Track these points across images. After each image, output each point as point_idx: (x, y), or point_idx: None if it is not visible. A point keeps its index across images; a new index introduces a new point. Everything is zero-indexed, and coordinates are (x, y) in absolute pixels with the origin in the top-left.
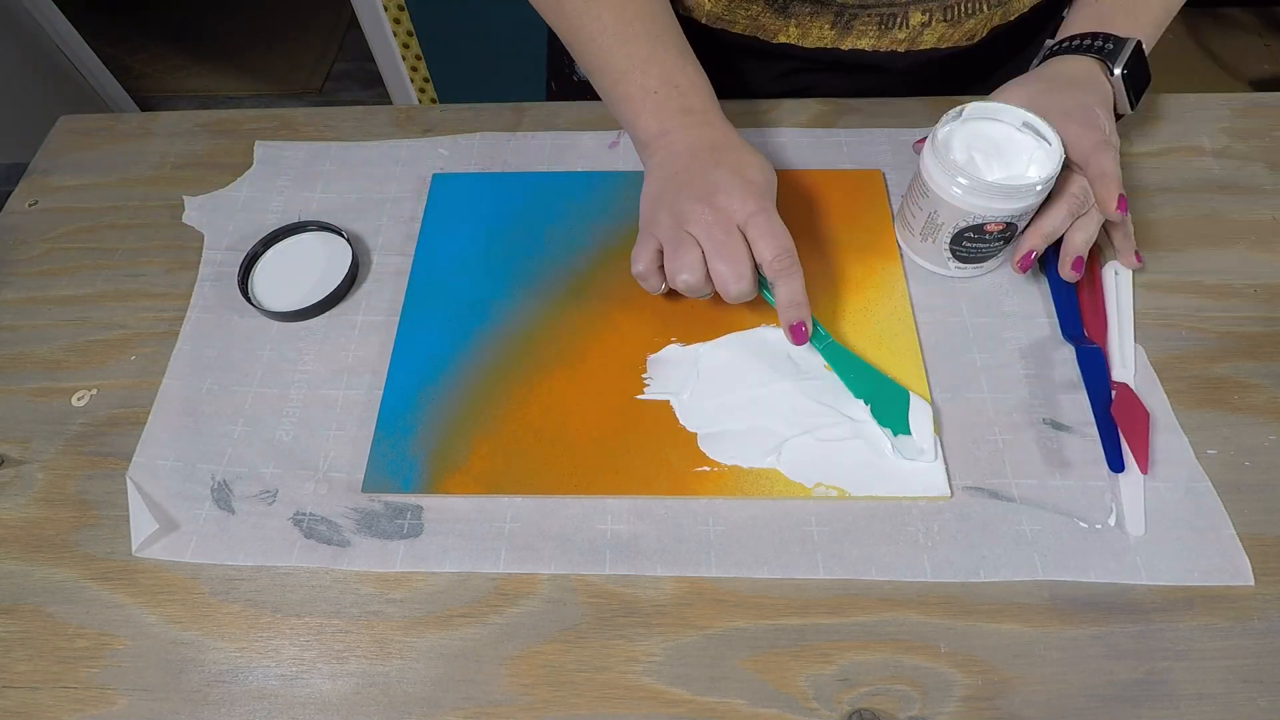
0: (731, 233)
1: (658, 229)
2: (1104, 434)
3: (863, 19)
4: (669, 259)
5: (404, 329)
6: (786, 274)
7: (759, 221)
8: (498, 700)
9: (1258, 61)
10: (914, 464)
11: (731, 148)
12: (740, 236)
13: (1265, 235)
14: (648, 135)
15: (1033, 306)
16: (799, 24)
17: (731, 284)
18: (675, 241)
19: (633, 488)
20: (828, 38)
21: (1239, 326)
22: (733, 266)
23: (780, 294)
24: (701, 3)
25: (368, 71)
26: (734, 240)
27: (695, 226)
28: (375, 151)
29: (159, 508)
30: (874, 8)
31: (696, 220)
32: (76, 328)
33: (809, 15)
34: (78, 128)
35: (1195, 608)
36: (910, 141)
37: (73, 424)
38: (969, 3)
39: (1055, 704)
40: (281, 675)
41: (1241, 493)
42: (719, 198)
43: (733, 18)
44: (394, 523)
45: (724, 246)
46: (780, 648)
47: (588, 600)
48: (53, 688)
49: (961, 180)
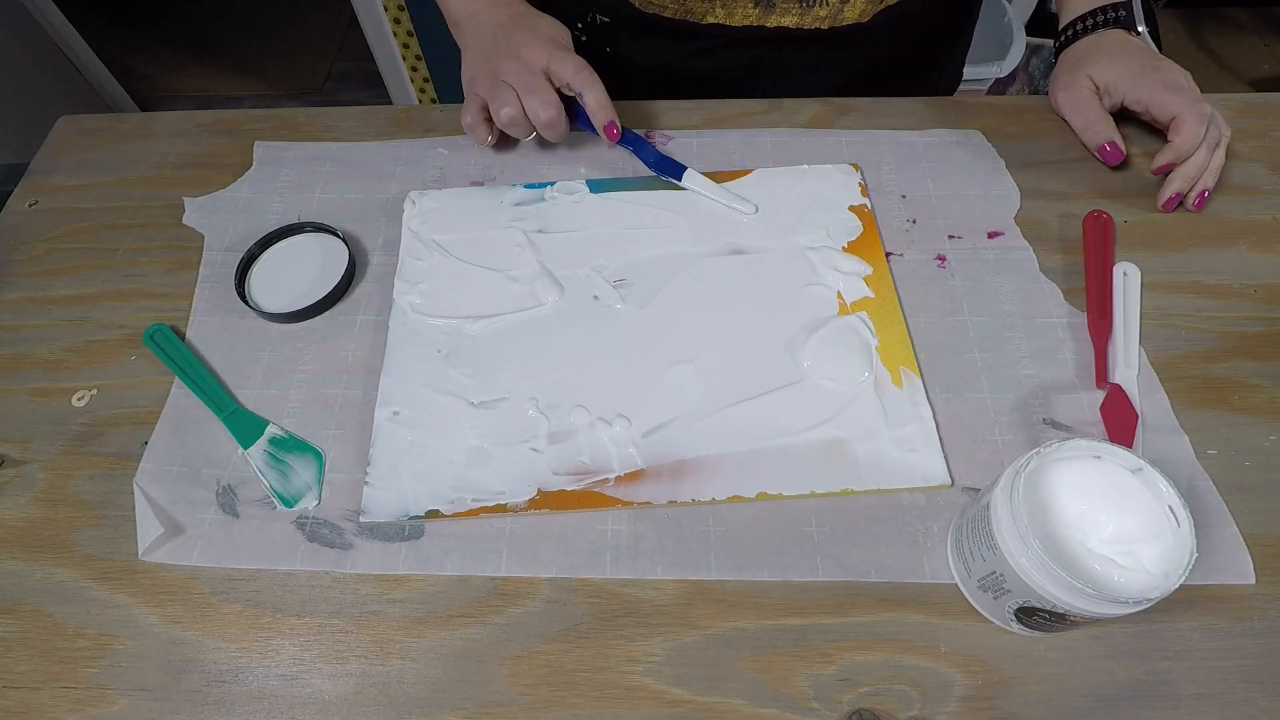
0: (537, 75)
1: (479, 87)
2: None
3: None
4: (492, 103)
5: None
6: (588, 83)
7: (558, 57)
8: (498, 700)
9: (1258, 61)
10: (911, 455)
11: (528, 14)
12: (544, 78)
13: (1265, 235)
14: (458, 15)
15: (1033, 307)
16: (724, 5)
17: (541, 111)
18: (494, 89)
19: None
20: (752, 16)
21: (1239, 326)
22: (540, 96)
23: (587, 100)
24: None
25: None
26: (539, 80)
27: (508, 75)
28: (375, 152)
29: (164, 513)
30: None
31: (508, 70)
32: (76, 328)
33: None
34: (78, 128)
35: (1195, 608)
36: (911, 142)
37: (73, 424)
38: None
39: (1055, 704)
40: (281, 675)
41: (1241, 493)
42: (523, 50)
43: (663, 2)
44: (396, 526)
45: (531, 84)
46: (780, 648)
47: (588, 600)
48: (53, 688)
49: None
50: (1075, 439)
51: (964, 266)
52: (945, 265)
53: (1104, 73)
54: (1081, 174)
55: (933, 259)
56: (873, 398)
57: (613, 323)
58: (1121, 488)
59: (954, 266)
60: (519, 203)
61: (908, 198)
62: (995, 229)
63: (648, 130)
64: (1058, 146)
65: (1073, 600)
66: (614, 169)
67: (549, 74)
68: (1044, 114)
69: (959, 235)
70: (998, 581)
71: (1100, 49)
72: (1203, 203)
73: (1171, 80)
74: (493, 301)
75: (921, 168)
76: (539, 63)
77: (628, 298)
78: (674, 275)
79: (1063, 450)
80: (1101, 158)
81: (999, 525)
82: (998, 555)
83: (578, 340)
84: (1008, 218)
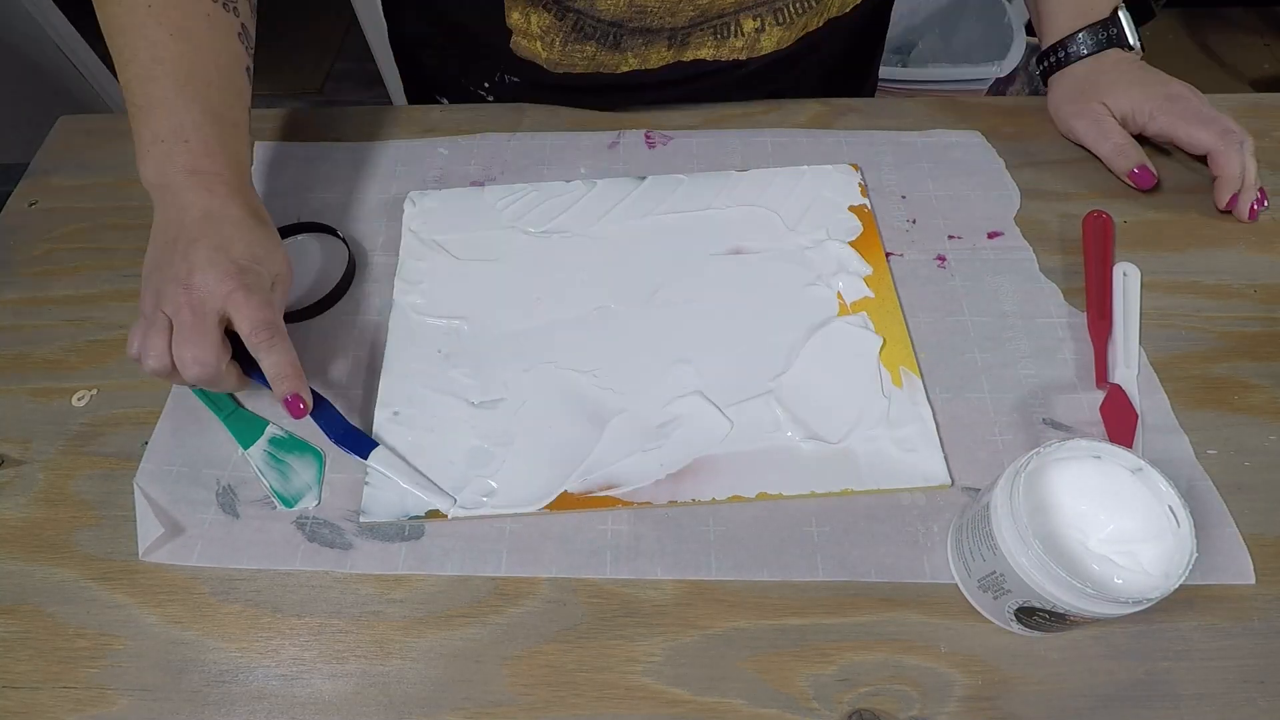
0: (202, 315)
1: (144, 306)
2: None
3: (696, 35)
4: (141, 342)
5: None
6: (266, 346)
7: (236, 299)
8: (498, 700)
9: (1258, 61)
10: (911, 455)
11: (227, 221)
12: (213, 321)
13: (1265, 235)
14: (148, 183)
15: (1033, 307)
16: (636, 54)
17: (190, 368)
18: (149, 323)
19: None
20: (667, 56)
21: (1239, 326)
22: (193, 350)
23: (266, 367)
24: (538, 52)
25: (368, 71)
26: (202, 323)
27: (169, 306)
28: (375, 152)
29: (165, 513)
30: (703, 23)
31: (170, 300)
32: (76, 328)
33: (643, 45)
34: (78, 128)
35: (1195, 608)
36: (911, 142)
37: (73, 424)
38: (796, 2)
39: (1055, 704)
40: (281, 675)
41: (1241, 493)
42: (195, 277)
43: (571, 61)
44: (396, 526)
45: (190, 330)
46: (780, 648)
47: (588, 600)
48: (53, 688)
49: (1046, 568)
50: (1075, 439)
51: (964, 266)
52: (945, 265)
53: (1119, 102)
54: (1081, 174)
55: (933, 259)
56: (873, 398)
57: (612, 323)
58: (1121, 488)
59: (954, 266)
60: (519, 203)
61: (908, 198)
62: (995, 229)
63: (646, 130)
64: (1058, 146)
65: (1073, 600)
66: (615, 170)
67: (224, 318)
68: (1044, 114)
69: (959, 235)
70: (998, 581)
71: (1103, 73)
72: (1265, 204)
73: (1192, 110)
74: (493, 302)
75: (921, 168)
76: (212, 302)
77: (627, 298)
78: (674, 275)
79: (1063, 450)
80: (1134, 183)
81: (999, 525)
82: (998, 555)
83: (577, 340)
84: (1008, 218)
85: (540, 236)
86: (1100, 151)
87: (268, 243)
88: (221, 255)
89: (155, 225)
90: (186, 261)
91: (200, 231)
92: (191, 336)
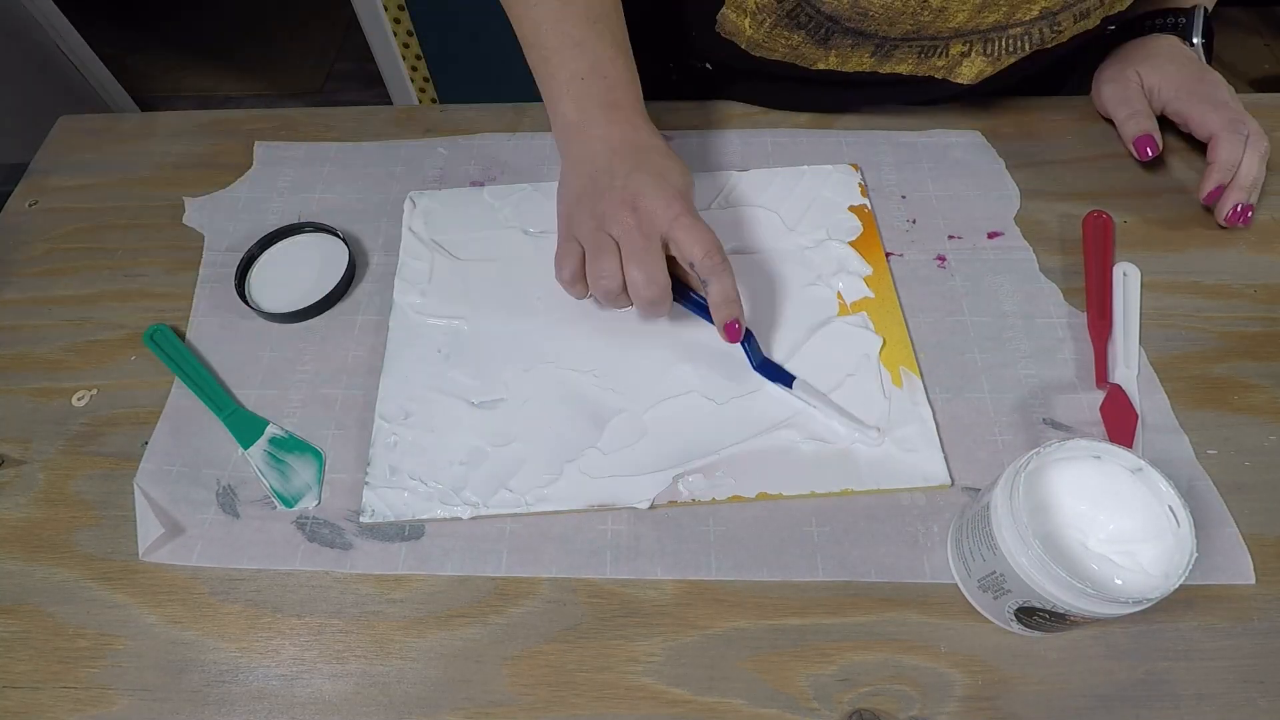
0: (652, 239)
1: (580, 231)
2: None
3: (903, 49)
4: (589, 264)
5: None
6: (717, 271)
7: (684, 223)
8: (498, 700)
9: (1258, 61)
10: (911, 455)
11: (655, 150)
12: (659, 245)
13: (1265, 235)
14: (566, 122)
15: (1033, 307)
16: (839, 54)
17: (643, 289)
18: (596, 246)
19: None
20: (867, 64)
21: (1239, 326)
22: (646, 272)
23: (713, 292)
24: (743, 28)
25: (368, 71)
26: (652, 247)
27: (617, 228)
28: (375, 152)
29: (165, 513)
30: (914, 40)
31: (619, 223)
32: (76, 328)
33: (850, 47)
34: (78, 128)
35: (1195, 608)
36: (911, 142)
37: (73, 424)
38: (1010, 41)
39: (1055, 704)
40: (281, 675)
41: (1241, 493)
42: (642, 201)
43: (773, 45)
44: (396, 526)
45: (642, 253)
46: (780, 648)
47: (588, 600)
48: (53, 688)
49: (1046, 568)
50: (1075, 439)
51: (964, 267)
52: (945, 265)
53: (1151, 75)
54: (1081, 174)
55: (933, 259)
56: (873, 398)
57: (613, 323)
58: (1121, 488)
59: (954, 267)
60: (520, 203)
61: (908, 198)
62: (995, 229)
63: None
64: (1058, 146)
65: (1072, 600)
66: None
67: (668, 241)
68: (1044, 114)
69: (959, 235)
70: (998, 581)
71: (1151, 51)
72: (1249, 219)
73: (1215, 96)
74: (493, 302)
75: (921, 168)
76: (658, 225)
77: None
78: None
79: (1063, 450)
80: (1136, 150)
81: (999, 525)
82: (997, 555)
83: (577, 340)
84: (1008, 218)
85: (540, 236)
86: (1116, 116)
87: (685, 170)
88: (663, 181)
89: (569, 160)
90: (629, 188)
91: (636, 161)
92: (644, 258)
